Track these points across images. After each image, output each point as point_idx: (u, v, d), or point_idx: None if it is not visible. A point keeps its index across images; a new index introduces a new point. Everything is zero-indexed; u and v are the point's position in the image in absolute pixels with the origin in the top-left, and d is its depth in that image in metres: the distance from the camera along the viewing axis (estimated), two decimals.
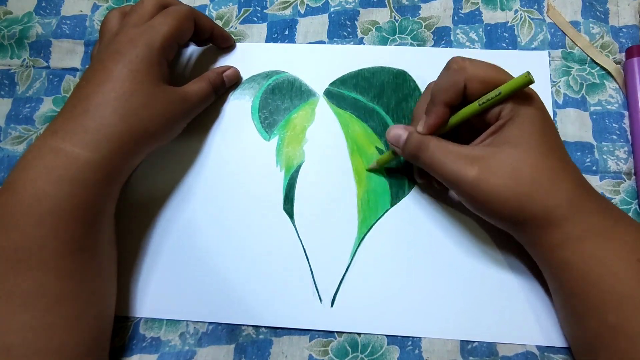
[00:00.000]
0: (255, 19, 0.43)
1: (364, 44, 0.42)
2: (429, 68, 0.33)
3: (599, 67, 0.39)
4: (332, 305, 0.35)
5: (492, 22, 0.41)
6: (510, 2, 0.42)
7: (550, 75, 0.39)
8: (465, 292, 0.34)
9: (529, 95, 0.29)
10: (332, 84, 0.40)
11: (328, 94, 0.40)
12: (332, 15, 0.43)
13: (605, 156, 0.37)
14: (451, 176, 0.29)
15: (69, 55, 0.43)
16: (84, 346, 0.29)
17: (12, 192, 0.29)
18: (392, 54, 0.41)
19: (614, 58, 0.40)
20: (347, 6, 0.43)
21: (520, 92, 0.28)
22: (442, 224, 0.36)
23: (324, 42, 0.42)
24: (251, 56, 0.42)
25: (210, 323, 0.35)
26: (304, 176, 0.38)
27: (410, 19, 0.42)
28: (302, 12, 0.43)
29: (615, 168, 0.37)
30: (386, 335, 0.34)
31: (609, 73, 0.39)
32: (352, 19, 0.42)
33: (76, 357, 0.29)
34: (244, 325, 0.35)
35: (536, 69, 0.39)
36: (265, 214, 0.37)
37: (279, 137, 0.39)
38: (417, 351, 0.33)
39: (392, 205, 0.37)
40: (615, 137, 0.37)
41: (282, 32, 0.43)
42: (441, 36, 0.41)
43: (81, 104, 0.31)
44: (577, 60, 0.40)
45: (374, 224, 0.36)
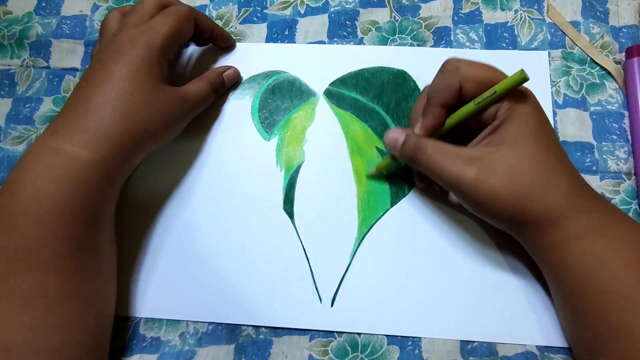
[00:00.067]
0: (255, 19, 0.43)
1: (364, 44, 0.42)
2: (429, 68, 0.33)
3: (599, 67, 0.39)
4: (332, 305, 0.35)
5: (492, 22, 0.41)
6: (510, 2, 0.42)
7: (550, 75, 0.39)
8: (465, 292, 0.34)
9: (524, 94, 0.29)
10: (332, 84, 0.40)
11: (328, 94, 0.40)
12: (332, 15, 0.43)
13: (605, 156, 0.37)
14: (450, 178, 0.29)
15: (69, 55, 0.43)
16: (84, 346, 0.29)
17: (12, 192, 0.29)
18: (392, 54, 0.41)
19: (614, 58, 0.40)
20: (347, 6, 0.43)
21: (515, 91, 0.28)
22: (442, 224, 0.36)
23: (324, 42, 0.42)
24: (251, 56, 0.42)
25: (210, 323, 0.35)
26: (304, 176, 0.38)
27: (410, 19, 0.42)
28: (302, 12, 0.43)
29: (615, 168, 0.37)
30: (386, 335, 0.34)
31: (609, 73, 0.39)
32: (352, 19, 0.42)
33: (76, 357, 0.29)
34: (244, 325, 0.35)
35: (536, 69, 0.39)
36: (265, 214, 0.37)
37: (279, 137, 0.39)
38: (417, 351, 0.33)
39: (392, 206, 0.37)
40: (615, 137, 0.37)
41: (282, 32, 0.43)
42: (441, 36, 0.41)
43: (81, 104, 0.31)
44: (577, 60, 0.40)
45: (374, 224, 0.36)
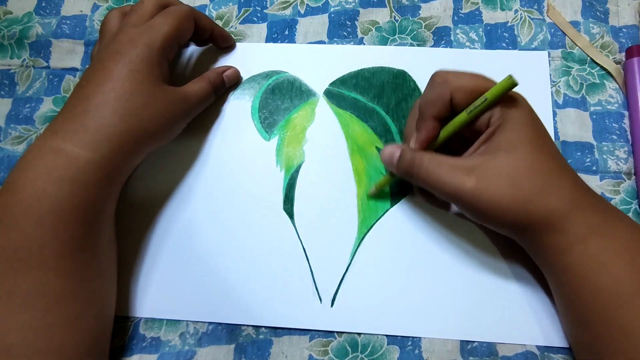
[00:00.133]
0: (255, 19, 0.43)
1: (364, 44, 0.42)
2: (429, 68, 0.33)
3: (599, 67, 0.39)
4: (332, 305, 0.35)
5: (492, 22, 0.41)
6: (510, 2, 0.42)
7: (550, 75, 0.39)
8: (465, 292, 0.34)
9: (515, 99, 0.29)
10: (332, 84, 0.40)
11: (328, 94, 0.40)
12: (332, 15, 0.43)
13: (605, 156, 0.37)
14: (449, 189, 0.29)
15: (69, 55, 0.43)
16: (84, 346, 0.29)
17: (12, 192, 0.29)
18: (392, 54, 0.41)
19: (614, 58, 0.40)
20: (347, 6, 0.43)
21: (506, 97, 0.28)
22: (442, 224, 0.36)
23: (324, 42, 0.42)
24: (251, 56, 0.42)
25: (210, 323, 0.35)
26: (304, 176, 0.38)
27: (410, 19, 0.42)
28: (302, 12, 0.43)
29: (615, 168, 0.37)
30: (386, 335, 0.34)
31: (609, 73, 0.39)
32: (352, 19, 0.42)
33: (76, 357, 0.29)
34: (244, 325, 0.35)
35: (536, 69, 0.39)
36: (265, 214, 0.37)
37: (279, 137, 0.39)
38: (417, 351, 0.33)
39: (392, 205, 0.37)
40: (615, 137, 0.37)
41: (282, 32, 0.43)
42: (441, 36, 0.41)
43: (81, 103, 0.31)
44: (577, 60, 0.40)
45: (374, 224, 0.36)
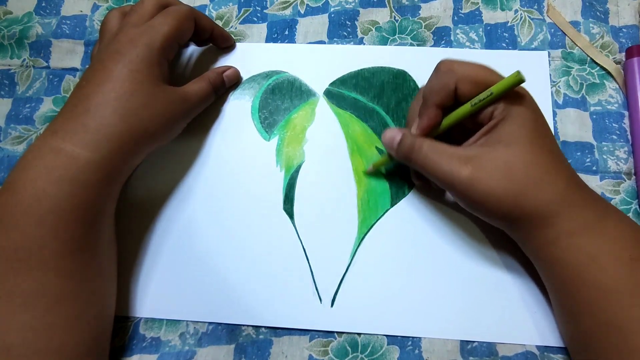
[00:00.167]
0: (255, 19, 0.43)
1: (364, 44, 0.42)
2: (429, 68, 0.33)
3: (599, 67, 0.39)
4: (332, 305, 0.35)
5: (492, 22, 0.41)
6: (510, 2, 0.42)
7: (550, 75, 0.39)
8: (465, 292, 0.34)
9: (520, 94, 0.29)
10: (332, 84, 0.40)
11: (328, 94, 0.40)
12: (332, 15, 0.43)
13: (605, 156, 0.37)
14: (445, 176, 0.29)
15: (69, 55, 0.43)
16: (84, 346, 0.29)
17: (12, 192, 0.29)
18: (392, 54, 0.41)
19: (614, 58, 0.40)
20: (347, 6, 0.43)
21: (512, 91, 0.28)
22: (442, 225, 0.36)
23: (324, 42, 0.42)
24: (251, 56, 0.42)
25: (210, 323, 0.35)
26: (304, 176, 0.38)
27: (410, 19, 0.42)
28: (302, 12, 0.43)
29: (615, 168, 0.37)
30: (386, 335, 0.34)
31: (609, 73, 0.39)
32: (352, 19, 0.42)
33: (76, 357, 0.29)
34: (244, 325, 0.35)
35: (536, 69, 0.39)
36: (265, 214, 0.37)
37: (279, 137, 0.39)
38: (417, 351, 0.33)
39: (392, 205, 0.37)
40: (615, 137, 0.37)
41: (282, 32, 0.43)
42: (441, 36, 0.41)
43: (81, 103, 0.31)
44: (577, 60, 0.40)
45: (374, 224, 0.36)
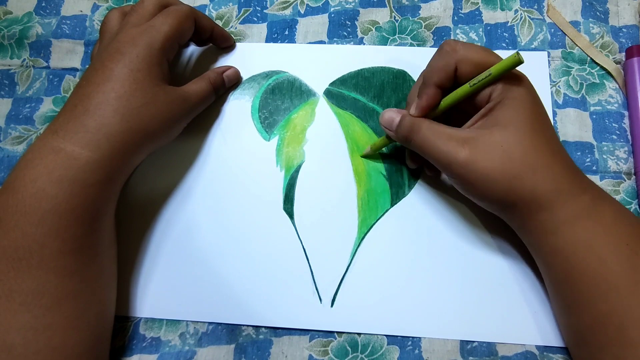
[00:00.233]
0: (255, 19, 0.43)
1: (364, 44, 0.42)
2: None
3: (599, 67, 0.39)
4: (332, 305, 0.35)
5: (492, 22, 0.41)
6: (510, 2, 0.42)
7: (550, 75, 0.39)
8: (465, 292, 0.34)
9: (519, 77, 0.29)
10: (332, 84, 0.40)
11: (328, 94, 0.40)
12: (332, 15, 0.43)
13: (605, 156, 0.37)
14: (442, 157, 0.30)
15: (69, 55, 0.43)
16: (84, 346, 0.29)
17: (12, 192, 0.29)
18: (392, 54, 0.41)
19: (614, 58, 0.40)
20: (347, 6, 0.43)
21: (510, 74, 0.29)
22: (442, 225, 0.36)
23: (324, 42, 0.42)
24: (251, 56, 0.42)
25: (210, 323, 0.35)
26: (304, 176, 0.38)
27: (410, 19, 0.42)
28: (302, 12, 0.43)
29: (615, 168, 0.37)
30: (386, 335, 0.34)
31: (609, 73, 0.39)
32: (352, 19, 0.42)
33: (76, 357, 0.29)
34: (244, 325, 0.35)
35: (536, 69, 0.39)
36: (265, 214, 0.37)
37: (279, 137, 0.39)
38: (417, 351, 0.33)
39: (392, 205, 0.37)
40: (615, 137, 0.37)
41: (282, 32, 0.43)
42: (441, 36, 0.41)
43: (82, 103, 0.31)
44: (577, 60, 0.40)
45: (374, 224, 0.36)
